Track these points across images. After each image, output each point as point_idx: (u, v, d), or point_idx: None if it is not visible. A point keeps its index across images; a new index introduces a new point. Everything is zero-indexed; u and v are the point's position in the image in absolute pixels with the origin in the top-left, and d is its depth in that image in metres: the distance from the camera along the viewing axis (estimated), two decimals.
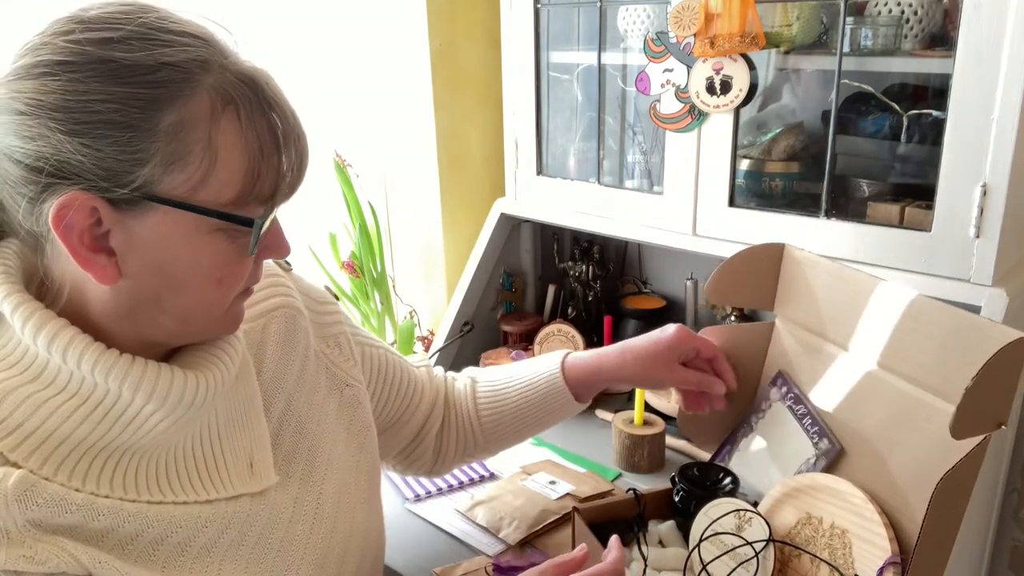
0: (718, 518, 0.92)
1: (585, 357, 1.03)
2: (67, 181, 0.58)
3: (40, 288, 0.65)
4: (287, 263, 0.90)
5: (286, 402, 0.82)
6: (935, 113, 1.19)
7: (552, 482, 1.10)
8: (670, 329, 1.02)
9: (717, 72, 1.25)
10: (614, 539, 0.82)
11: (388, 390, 0.99)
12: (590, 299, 1.74)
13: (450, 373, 1.10)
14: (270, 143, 0.63)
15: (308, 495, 0.80)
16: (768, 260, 1.08)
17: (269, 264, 0.86)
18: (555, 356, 1.04)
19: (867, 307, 0.94)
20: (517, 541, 1.11)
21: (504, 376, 1.06)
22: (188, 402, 0.66)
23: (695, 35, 1.25)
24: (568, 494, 1.12)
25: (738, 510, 0.91)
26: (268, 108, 0.63)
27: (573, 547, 1.03)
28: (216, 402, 0.71)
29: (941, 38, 1.17)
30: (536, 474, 1.11)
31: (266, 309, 0.83)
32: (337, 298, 0.94)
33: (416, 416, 1.03)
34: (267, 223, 0.66)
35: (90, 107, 0.57)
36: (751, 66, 1.23)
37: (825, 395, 0.99)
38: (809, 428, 0.99)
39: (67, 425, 0.62)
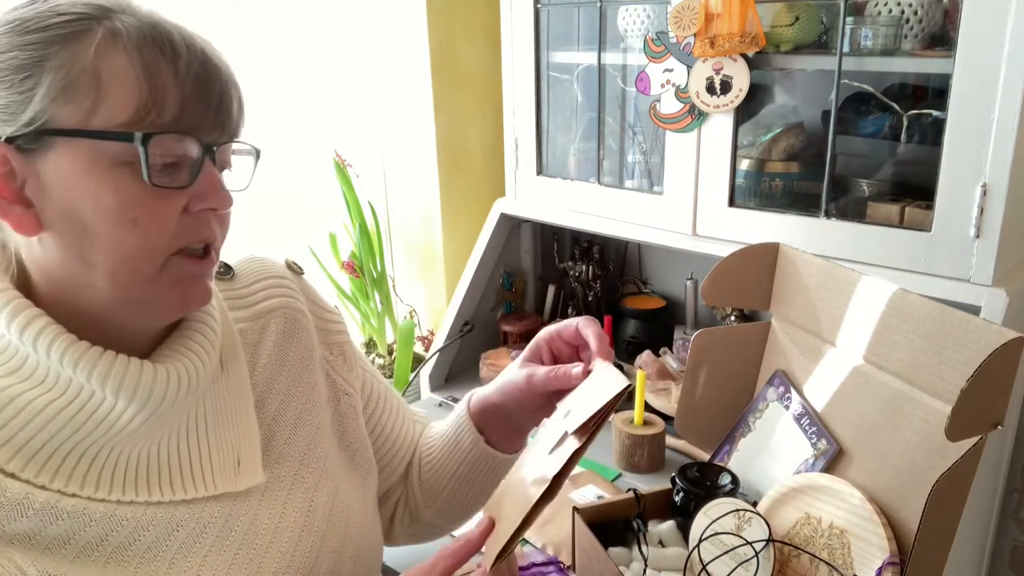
0: (718, 518, 0.92)
1: (484, 392, 0.91)
2: None
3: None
4: (299, 267, 0.88)
5: (280, 402, 0.80)
6: (935, 113, 1.19)
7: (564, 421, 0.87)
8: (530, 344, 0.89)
9: (717, 72, 1.25)
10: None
11: (373, 429, 0.94)
12: (590, 299, 1.74)
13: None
14: (162, 63, 0.61)
15: (298, 500, 0.78)
16: (763, 260, 1.08)
17: (276, 266, 0.85)
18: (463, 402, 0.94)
19: (856, 304, 0.94)
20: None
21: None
22: (158, 398, 0.65)
23: (695, 35, 1.25)
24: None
25: (738, 510, 0.91)
26: (157, 32, 0.62)
27: (573, 547, 1.03)
28: (198, 398, 0.70)
29: (941, 38, 1.17)
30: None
31: (266, 309, 0.81)
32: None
33: (389, 469, 0.96)
34: (200, 167, 0.63)
35: None
36: (751, 66, 1.23)
37: (822, 394, 0.99)
38: (807, 428, 0.99)
39: (41, 417, 0.61)
